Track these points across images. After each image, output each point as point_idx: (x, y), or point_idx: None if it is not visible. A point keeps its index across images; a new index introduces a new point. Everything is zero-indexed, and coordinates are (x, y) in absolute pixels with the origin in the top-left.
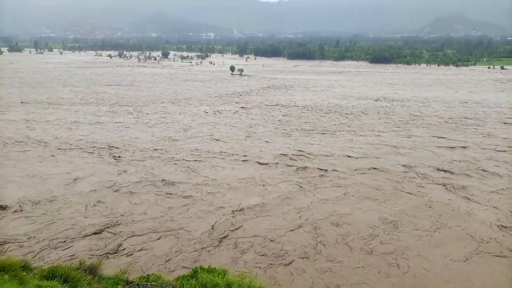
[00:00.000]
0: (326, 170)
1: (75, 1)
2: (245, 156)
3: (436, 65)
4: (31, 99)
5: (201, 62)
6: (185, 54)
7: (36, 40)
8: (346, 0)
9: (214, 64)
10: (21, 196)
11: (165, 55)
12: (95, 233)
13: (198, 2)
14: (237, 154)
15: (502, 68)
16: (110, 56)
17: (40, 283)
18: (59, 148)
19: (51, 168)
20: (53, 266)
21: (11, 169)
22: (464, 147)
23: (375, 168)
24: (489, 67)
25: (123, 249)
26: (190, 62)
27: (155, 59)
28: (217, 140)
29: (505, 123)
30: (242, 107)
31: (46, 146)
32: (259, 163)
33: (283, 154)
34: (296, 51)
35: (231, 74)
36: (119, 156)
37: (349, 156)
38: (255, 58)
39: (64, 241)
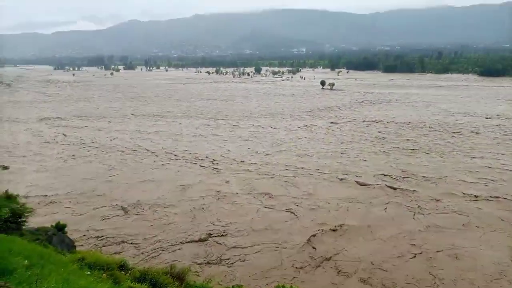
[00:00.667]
0: (439, 195)
1: (181, 22)
2: (344, 174)
3: None
4: (141, 112)
5: (292, 77)
6: (276, 69)
7: (147, 59)
8: (450, 8)
9: (304, 79)
10: (140, 199)
11: (258, 70)
12: (201, 240)
13: (290, 18)
14: (333, 172)
15: None
16: (208, 72)
17: (132, 285)
18: (168, 158)
19: (162, 176)
20: (145, 269)
21: (130, 175)
22: None
23: (498, 196)
24: None
25: (227, 259)
26: (281, 77)
27: (248, 74)
28: (310, 156)
29: None
30: (333, 122)
31: (156, 155)
32: (359, 183)
33: (385, 175)
34: (392, 64)
35: (322, 88)
36: (219, 168)
37: (465, 181)
38: (347, 72)
39: (173, 245)
